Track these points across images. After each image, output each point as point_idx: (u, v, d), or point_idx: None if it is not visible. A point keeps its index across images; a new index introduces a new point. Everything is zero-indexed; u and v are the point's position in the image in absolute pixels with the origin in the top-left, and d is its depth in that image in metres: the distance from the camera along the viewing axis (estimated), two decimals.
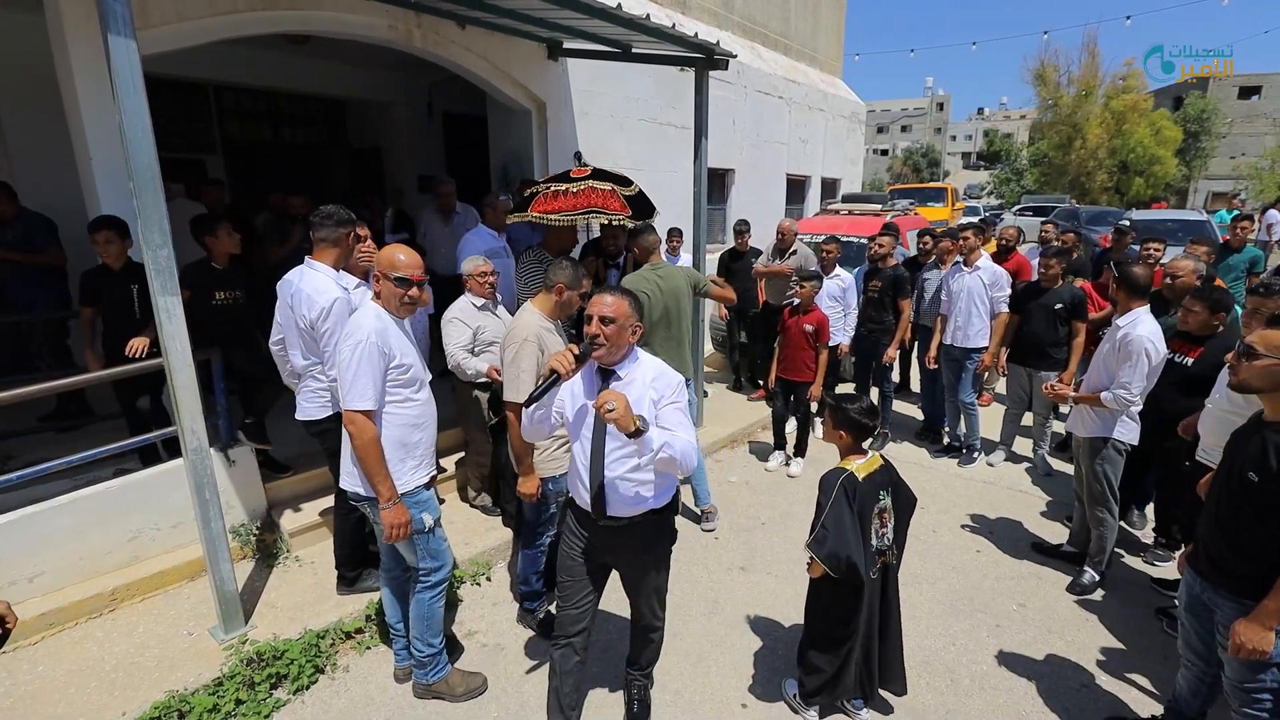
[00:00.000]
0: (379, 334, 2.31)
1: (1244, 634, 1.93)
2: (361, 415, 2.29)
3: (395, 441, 2.41)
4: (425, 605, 2.59)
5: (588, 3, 3.78)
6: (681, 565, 3.69)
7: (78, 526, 3.13)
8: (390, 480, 2.35)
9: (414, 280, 2.38)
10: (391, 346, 2.35)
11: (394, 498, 2.36)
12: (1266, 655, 1.91)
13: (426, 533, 2.52)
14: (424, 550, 2.55)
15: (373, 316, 2.36)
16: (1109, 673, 2.90)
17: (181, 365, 2.64)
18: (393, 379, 2.38)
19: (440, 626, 2.66)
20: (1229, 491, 2.02)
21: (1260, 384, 1.95)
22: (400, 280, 2.36)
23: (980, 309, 4.85)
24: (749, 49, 8.98)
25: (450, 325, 3.60)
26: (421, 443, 2.51)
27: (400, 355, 2.38)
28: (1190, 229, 10.19)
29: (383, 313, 2.40)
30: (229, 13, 3.96)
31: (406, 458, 2.45)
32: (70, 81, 3.46)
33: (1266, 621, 1.89)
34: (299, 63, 6.84)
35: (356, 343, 2.28)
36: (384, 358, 2.32)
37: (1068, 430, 3.67)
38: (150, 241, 2.48)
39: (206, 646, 2.88)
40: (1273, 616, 1.88)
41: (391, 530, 2.37)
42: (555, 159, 6.07)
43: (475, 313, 3.61)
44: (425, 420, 2.52)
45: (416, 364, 2.47)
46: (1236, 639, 1.95)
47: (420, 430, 2.50)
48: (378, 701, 2.72)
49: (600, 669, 2.87)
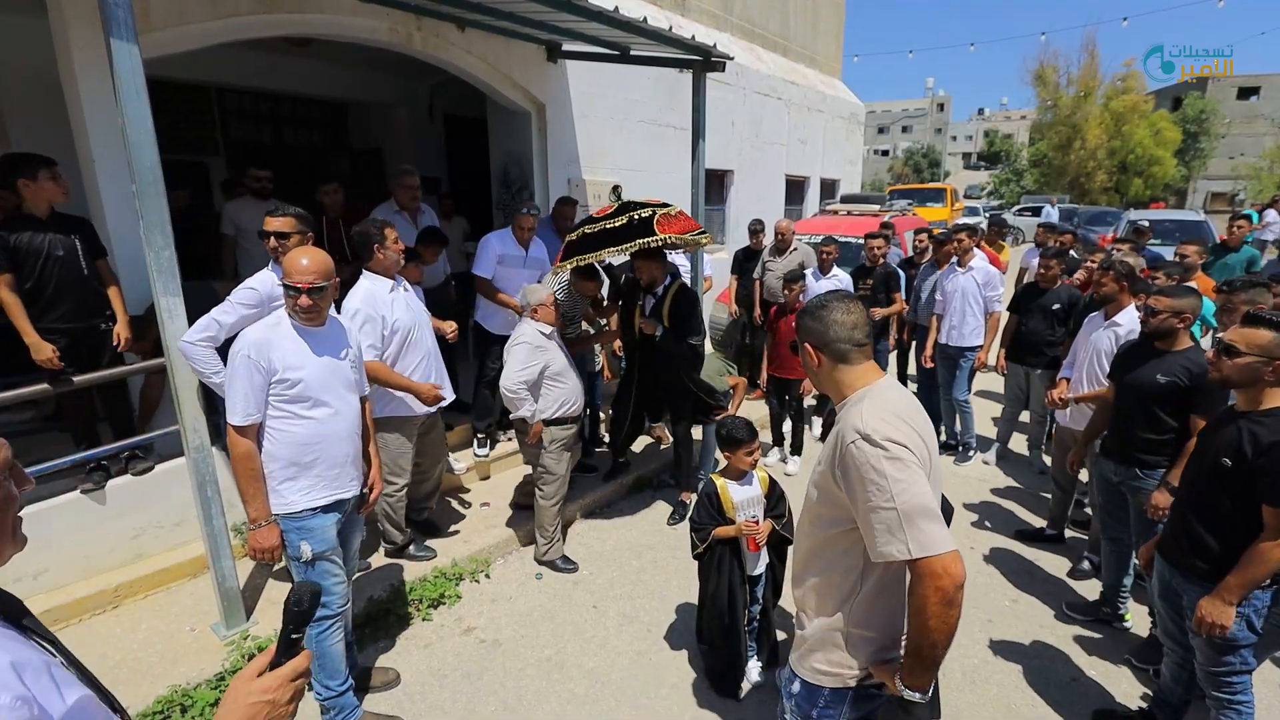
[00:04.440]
0: (255, 346, 2.17)
1: (1206, 610, 2.03)
2: (234, 429, 2.18)
3: (283, 460, 2.25)
4: (313, 644, 2.30)
5: (586, 6, 3.82)
6: (680, 561, 3.73)
7: (81, 524, 3.17)
8: (261, 501, 2.21)
9: (299, 288, 2.17)
10: (273, 359, 2.18)
11: (260, 520, 2.21)
12: (1227, 631, 2.00)
13: (304, 563, 2.30)
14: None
15: (260, 327, 2.25)
16: (1097, 666, 2.94)
17: (184, 364, 2.68)
18: (276, 394, 2.22)
19: (339, 667, 2.41)
20: (1204, 477, 2.10)
21: (1240, 380, 2.00)
22: (286, 288, 2.21)
23: (974, 308, 4.91)
24: (748, 50, 9.02)
25: (519, 350, 3.47)
26: (318, 464, 2.29)
27: (285, 369, 2.20)
28: (1187, 229, 10.23)
29: (279, 322, 2.27)
30: (230, 16, 4.00)
31: (298, 477, 2.27)
32: (73, 84, 3.49)
33: (1227, 597, 1.99)
34: (301, 65, 6.89)
35: (232, 354, 2.19)
36: (260, 371, 2.17)
37: (1067, 427, 3.72)
38: (153, 243, 2.52)
39: (208, 642, 2.92)
40: (1233, 592, 1.98)
41: (255, 554, 2.24)
42: (555, 160, 6.11)
43: (545, 341, 3.54)
44: (322, 440, 2.30)
45: (310, 379, 2.25)
46: (1199, 614, 2.05)
47: (315, 450, 2.28)
48: (375, 694, 2.75)
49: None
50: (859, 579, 1.49)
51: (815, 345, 1.58)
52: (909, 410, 1.48)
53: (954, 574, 1.28)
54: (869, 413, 1.41)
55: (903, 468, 1.34)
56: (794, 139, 9.97)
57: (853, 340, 1.53)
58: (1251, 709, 2.14)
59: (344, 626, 2.45)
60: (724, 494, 2.69)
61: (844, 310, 1.55)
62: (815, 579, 1.58)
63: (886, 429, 1.38)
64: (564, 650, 3.05)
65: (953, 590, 1.28)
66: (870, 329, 1.59)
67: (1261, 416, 1.98)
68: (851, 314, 1.54)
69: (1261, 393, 1.99)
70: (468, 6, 4.27)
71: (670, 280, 4.07)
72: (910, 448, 1.37)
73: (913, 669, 1.39)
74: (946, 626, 1.30)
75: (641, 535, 4.09)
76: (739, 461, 2.70)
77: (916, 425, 1.45)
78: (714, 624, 2.72)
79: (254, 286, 2.80)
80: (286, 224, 2.87)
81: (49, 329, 3.06)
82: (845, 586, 1.51)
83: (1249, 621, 2.05)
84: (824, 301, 1.59)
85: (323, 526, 2.33)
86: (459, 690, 2.80)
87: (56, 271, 3.10)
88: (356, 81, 7.56)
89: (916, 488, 1.32)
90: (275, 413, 2.24)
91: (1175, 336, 2.72)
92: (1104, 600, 3.24)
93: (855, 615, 1.50)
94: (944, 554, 1.29)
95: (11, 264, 2.98)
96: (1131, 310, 3.38)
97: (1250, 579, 1.96)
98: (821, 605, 1.56)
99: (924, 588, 1.30)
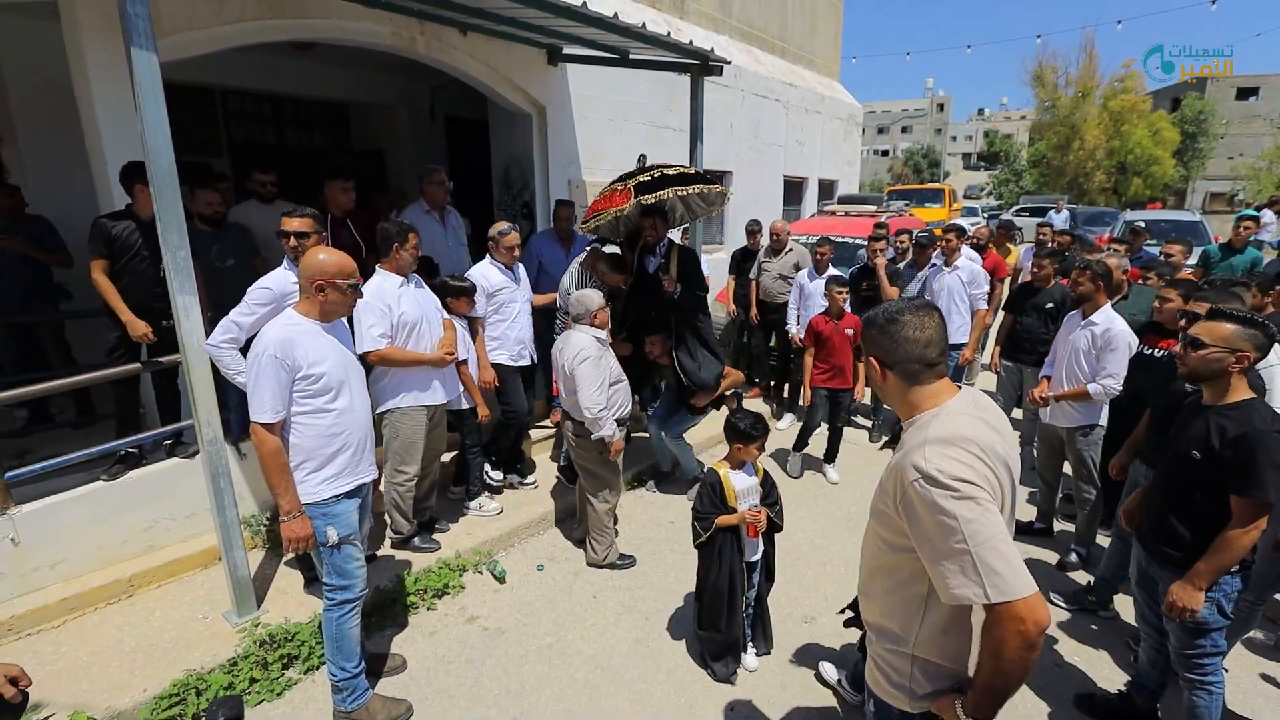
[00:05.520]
0: (280, 345, 2.24)
1: (1177, 594, 2.13)
2: (261, 427, 2.25)
3: (307, 452, 2.34)
4: (333, 626, 2.46)
5: (586, 12, 3.91)
6: (678, 554, 3.83)
7: (96, 517, 3.26)
8: (291, 494, 2.29)
9: (356, 283, 2.37)
10: (297, 357, 2.26)
11: (293, 511, 2.30)
12: (1196, 614, 2.10)
13: (330, 548, 2.40)
14: (329, 566, 2.44)
15: (279, 326, 2.30)
16: (1080, 653, 3.04)
17: (199, 361, 2.78)
18: (301, 389, 2.30)
19: (354, 650, 2.52)
20: (1175, 469, 2.19)
21: (1205, 372, 2.10)
22: (352, 287, 2.37)
23: (960, 306, 5.06)
24: (746, 52, 9.11)
25: (587, 367, 3.40)
26: (340, 453, 2.40)
27: (310, 365, 2.28)
28: (1182, 229, 10.34)
29: (297, 320, 2.33)
30: (238, 21, 4.09)
31: (321, 468, 2.37)
32: (87, 87, 3.58)
33: (1197, 582, 2.09)
34: (303, 67, 6.98)
35: (255, 355, 2.25)
36: (286, 369, 2.24)
37: (1049, 424, 3.82)
38: (169, 243, 2.62)
39: (221, 629, 3.01)
40: (1202, 578, 2.08)
41: (289, 544, 2.31)
42: (555, 161, 6.21)
43: (603, 349, 3.55)
44: (344, 429, 2.40)
45: (331, 372, 2.34)
46: (1170, 599, 2.14)
47: (337, 439, 2.39)
48: (383, 679, 2.85)
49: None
50: (923, 605, 1.39)
51: (883, 363, 1.43)
52: (984, 435, 1.33)
53: (1039, 619, 1.21)
54: (934, 450, 1.29)
55: (973, 507, 1.23)
56: (792, 140, 10.06)
57: (925, 360, 1.39)
58: (1222, 689, 2.24)
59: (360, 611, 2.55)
60: (726, 483, 2.77)
61: (917, 326, 1.39)
62: (880, 599, 1.50)
63: (953, 467, 1.26)
64: (565, 638, 3.15)
65: (1036, 635, 1.21)
66: (945, 344, 1.43)
67: (1228, 410, 2.07)
68: (926, 330, 1.39)
69: (1227, 386, 2.08)
70: (470, 11, 4.36)
71: (666, 243, 4.38)
72: (982, 484, 1.26)
73: (979, 705, 1.31)
74: (1024, 669, 1.24)
75: (639, 529, 4.18)
76: (745, 453, 2.78)
77: (991, 453, 1.31)
78: (715, 609, 2.80)
79: (268, 286, 2.91)
80: (306, 224, 3.02)
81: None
82: (910, 610, 1.42)
83: (1220, 606, 2.14)
84: (895, 315, 1.42)
85: (346, 512, 2.44)
86: (464, 675, 2.90)
87: (138, 269, 3.44)
88: (358, 83, 7.65)
89: (990, 529, 1.22)
90: (300, 407, 2.32)
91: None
92: (1091, 589, 3.33)
93: (923, 641, 1.41)
94: (1029, 597, 1.20)
95: (108, 252, 3.36)
96: (1108, 309, 3.49)
97: (1219, 565, 2.06)
98: (887, 626, 1.48)
99: (1003, 631, 1.22)
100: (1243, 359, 2.05)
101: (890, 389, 1.46)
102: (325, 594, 2.48)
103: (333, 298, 2.34)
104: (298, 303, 2.39)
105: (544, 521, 4.18)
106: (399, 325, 3.29)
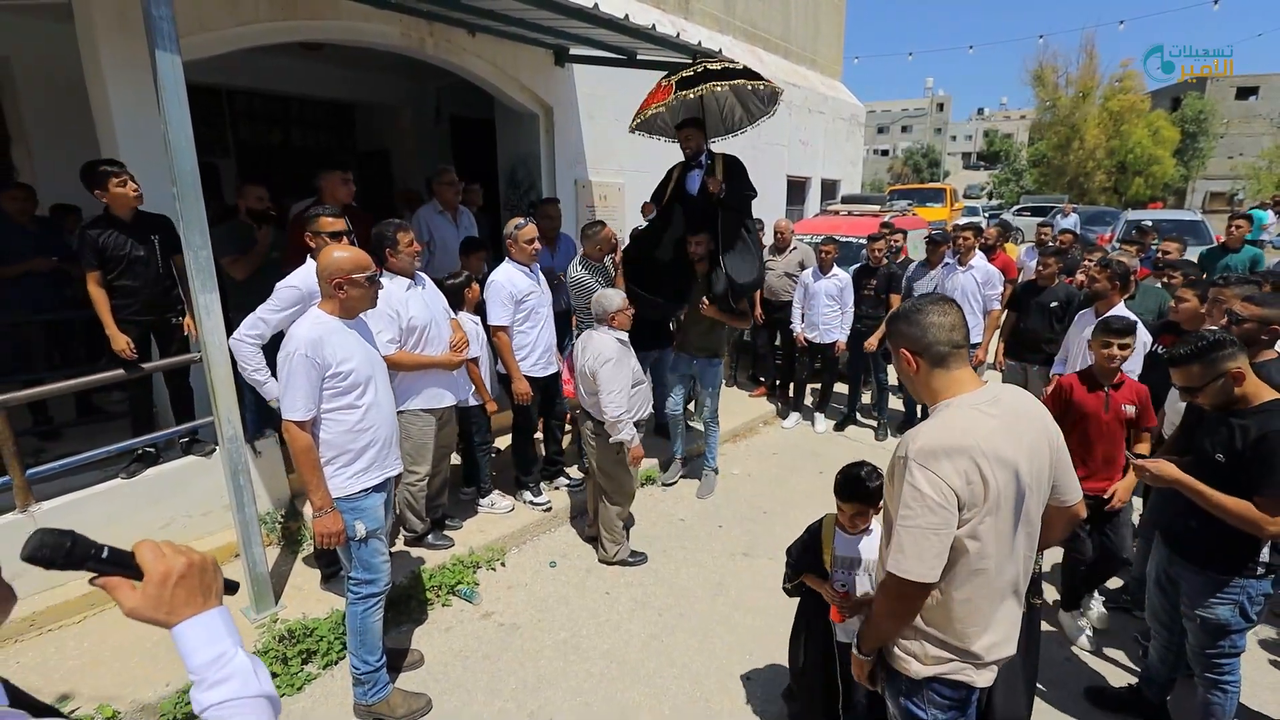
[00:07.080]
0: (311, 344, 2.26)
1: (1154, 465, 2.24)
2: (294, 425, 2.29)
3: (336, 447, 2.38)
4: (357, 619, 2.50)
5: (597, 14, 3.95)
6: (688, 551, 3.87)
7: (114, 514, 3.29)
8: (323, 490, 2.33)
9: (377, 275, 2.40)
10: (326, 356, 2.29)
11: (325, 507, 2.33)
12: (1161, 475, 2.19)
13: (358, 541, 2.43)
14: (356, 559, 2.47)
15: (308, 325, 2.32)
16: (1090, 648, 3.07)
17: (219, 359, 2.81)
18: (330, 387, 2.33)
19: (377, 643, 2.55)
20: (1199, 473, 2.21)
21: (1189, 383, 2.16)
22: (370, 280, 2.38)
23: (974, 306, 5.05)
24: (750, 53, 9.14)
25: (610, 370, 3.36)
26: (369, 448, 2.45)
27: (339, 363, 2.32)
28: (1183, 229, 10.37)
29: (323, 319, 2.35)
30: (249, 23, 4.12)
31: (350, 463, 2.41)
32: (102, 88, 3.61)
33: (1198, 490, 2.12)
34: (309, 68, 7.01)
35: (287, 355, 2.27)
36: (316, 368, 2.28)
37: None
38: (191, 243, 2.65)
39: (240, 624, 3.01)
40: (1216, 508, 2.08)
41: (322, 539, 2.36)
42: (562, 161, 6.25)
43: (624, 350, 3.50)
44: (371, 424, 2.45)
45: (359, 368, 2.38)
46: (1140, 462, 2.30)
47: (365, 435, 2.43)
48: (401, 674, 2.88)
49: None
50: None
51: (913, 350, 1.51)
52: (982, 440, 1.40)
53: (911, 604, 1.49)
54: (929, 436, 1.42)
55: (922, 501, 1.38)
56: (795, 140, 10.10)
57: (952, 342, 1.48)
58: (1238, 688, 2.26)
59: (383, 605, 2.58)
60: (826, 537, 2.29)
61: (940, 312, 1.50)
62: None
63: (937, 463, 1.38)
64: (579, 633, 3.18)
65: (903, 612, 1.51)
66: (967, 329, 1.53)
67: (1250, 413, 2.10)
68: (948, 315, 1.49)
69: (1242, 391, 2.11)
70: (481, 12, 4.40)
71: (708, 154, 4.49)
72: (954, 488, 1.37)
73: (865, 636, 1.66)
74: (891, 627, 1.56)
75: (650, 526, 4.22)
76: (843, 519, 2.27)
77: (989, 457, 1.39)
78: (807, 702, 2.46)
79: (295, 285, 2.95)
80: (341, 224, 3.08)
81: (127, 320, 3.41)
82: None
83: (1242, 609, 2.16)
84: (919, 306, 1.52)
85: (374, 506, 2.48)
86: (480, 670, 2.93)
87: (136, 270, 3.43)
88: (363, 84, 7.69)
89: (924, 521, 1.39)
90: (330, 405, 2.36)
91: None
92: (1126, 589, 3.31)
93: (926, 612, 1.53)
94: (909, 580, 1.42)
95: (99, 262, 3.33)
96: (1122, 308, 3.51)
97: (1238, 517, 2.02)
98: None
99: (883, 593, 1.53)
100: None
101: (920, 378, 1.55)
102: (349, 588, 2.50)
103: (353, 294, 2.36)
104: (320, 302, 2.41)
105: (556, 519, 4.21)
106: (408, 329, 3.25)
